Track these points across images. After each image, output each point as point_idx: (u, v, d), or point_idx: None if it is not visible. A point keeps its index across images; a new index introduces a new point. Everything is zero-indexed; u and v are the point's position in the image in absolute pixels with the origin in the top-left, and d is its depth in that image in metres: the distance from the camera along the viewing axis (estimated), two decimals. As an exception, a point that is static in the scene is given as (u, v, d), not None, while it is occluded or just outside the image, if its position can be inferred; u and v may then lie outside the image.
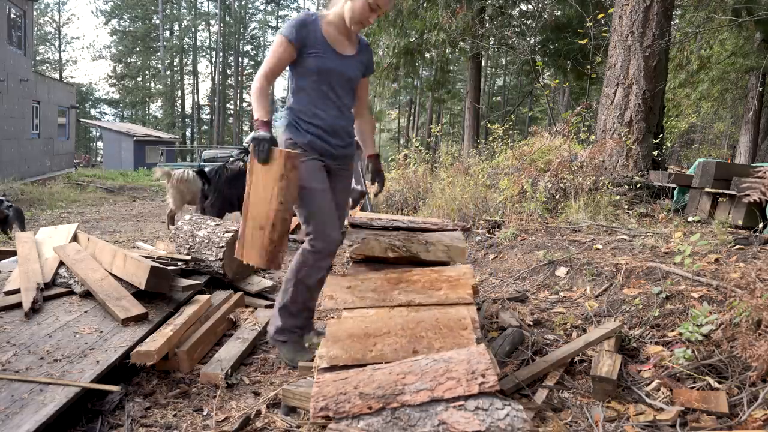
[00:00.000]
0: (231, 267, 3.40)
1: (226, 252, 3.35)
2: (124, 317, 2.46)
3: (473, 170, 6.99)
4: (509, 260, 4.13)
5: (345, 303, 2.06)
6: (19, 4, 15.10)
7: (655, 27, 6.06)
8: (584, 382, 2.17)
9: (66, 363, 2.09)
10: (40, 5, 38.37)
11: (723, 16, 8.64)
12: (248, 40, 46.68)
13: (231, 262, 3.39)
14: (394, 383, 1.51)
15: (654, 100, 6.21)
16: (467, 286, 2.09)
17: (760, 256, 3.17)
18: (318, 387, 1.55)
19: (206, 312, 2.81)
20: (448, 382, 1.48)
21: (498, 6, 12.84)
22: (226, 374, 2.29)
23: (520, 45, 11.68)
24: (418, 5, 11.80)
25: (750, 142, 12.98)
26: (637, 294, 2.87)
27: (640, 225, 4.47)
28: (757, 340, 2.03)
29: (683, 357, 2.13)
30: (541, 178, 5.50)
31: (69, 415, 1.90)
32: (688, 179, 5.15)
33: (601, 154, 5.87)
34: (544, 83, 15.00)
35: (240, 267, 3.51)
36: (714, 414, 1.84)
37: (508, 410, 1.42)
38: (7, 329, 2.35)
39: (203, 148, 30.49)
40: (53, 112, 18.17)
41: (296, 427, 1.90)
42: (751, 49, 11.41)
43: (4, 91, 13.49)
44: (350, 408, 1.45)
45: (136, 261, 2.75)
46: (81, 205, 9.64)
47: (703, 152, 18.14)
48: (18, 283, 2.78)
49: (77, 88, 32.47)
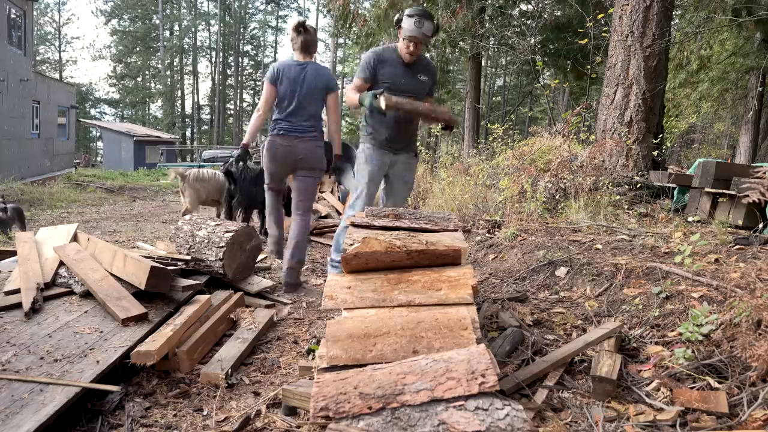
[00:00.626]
0: (231, 267, 3.40)
1: (226, 252, 3.35)
2: (124, 317, 2.46)
3: (473, 170, 6.99)
4: (509, 260, 4.13)
5: (345, 303, 2.06)
6: (19, 4, 15.10)
7: (655, 27, 6.06)
8: (584, 382, 2.17)
9: (66, 363, 2.09)
10: (40, 5, 38.38)
11: (723, 16, 8.64)
12: (248, 40, 46.69)
13: (231, 262, 3.39)
14: (394, 383, 1.51)
15: (654, 100, 6.21)
16: (467, 286, 2.09)
17: (760, 256, 3.17)
18: (318, 387, 1.55)
19: (206, 312, 2.81)
20: (449, 382, 1.48)
21: (498, 6, 12.84)
22: (227, 374, 2.29)
23: (520, 45, 11.68)
24: (418, 5, 11.79)
25: (750, 142, 12.98)
26: (637, 294, 2.87)
27: (640, 225, 4.47)
28: (757, 340, 2.03)
29: (683, 357, 2.13)
30: (541, 178, 5.50)
31: (69, 415, 1.90)
32: (688, 179, 5.15)
33: (601, 154, 5.87)
34: (544, 83, 15.01)
35: (240, 267, 3.52)
36: (714, 414, 1.84)
37: (508, 410, 1.42)
38: (7, 329, 2.35)
39: (203, 148, 30.54)
40: (53, 112, 18.16)
41: (296, 427, 1.90)
42: (751, 49, 11.42)
43: (4, 91, 13.49)
44: (350, 408, 1.45)
45: (136, 261, 2.75)
46: (81, 205, 9.65)
47: (703, 152, 18.14)
48: (18, 283, 2.78)
49: (77, 88, 32.47)
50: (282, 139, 3.74)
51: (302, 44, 3.74)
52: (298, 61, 3.76)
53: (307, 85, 3.69)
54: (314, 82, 3.71)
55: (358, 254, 2.18)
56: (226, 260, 3.35)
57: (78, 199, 10.53)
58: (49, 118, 17.53)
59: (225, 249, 3.35)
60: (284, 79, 3.69)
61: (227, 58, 44.83)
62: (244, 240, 3.55)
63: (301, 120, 3.72)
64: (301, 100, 3.70)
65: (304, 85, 3.69)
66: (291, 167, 3.83)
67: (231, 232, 3.45)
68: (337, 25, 13.49)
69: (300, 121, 3.72)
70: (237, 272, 3.48)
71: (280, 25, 47.34)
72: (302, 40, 3.73)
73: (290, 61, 3.77)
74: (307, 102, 3.72)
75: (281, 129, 3.73)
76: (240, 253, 3.51)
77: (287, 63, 3.76)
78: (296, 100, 3.69)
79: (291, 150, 3.74)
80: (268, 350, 2.71)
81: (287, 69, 3.71)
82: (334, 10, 12.51)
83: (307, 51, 3.78)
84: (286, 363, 2.55)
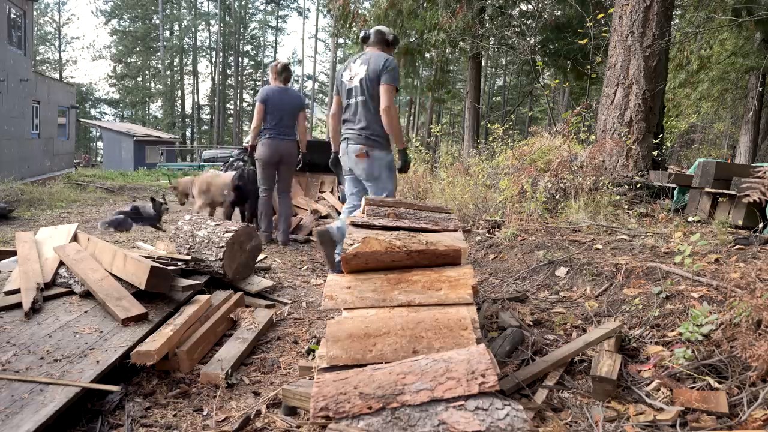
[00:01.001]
0: (231, 267, 3.40)
1: (226, 252, 3.35)
2: (124, 317, 2.46)
3: (473, 170, 6.99)
4: (509, 260, 4.13)
5: (345, 303, 2.06)
6: (19, 4, 15.09)
7: (655, 27, 6.06)
8: (584, 382, 2.17)
9: (66, 363, 2.09)
10: (40, 5, 38.38)
11: (723, 16, 8.64)
12: (248, 40, 46.67)
13: (231, 262, 3.39)
14: (394, 383, 1.51)
15: (654, 100, 6.21)
16: (467, 286, 2.09)
17: (760, 256, 3.17)
18: (318, 387, 1.55)
19: (206, 312, 2.81)
20: (448, 382, 1.48)
21: (498, 6, 12.85)
22: (227, 374, 2.29)
23: (520, 45, 11.68)
24: (418, 5, 11.81)
25: (750, 142, 12.98)
26: (637, 294, 2.87)
27: (640, 225, 4.47)
28: (757, 340, 2.03)
29: (683, 357, 2.13)
30: (541, 178, 5.50)
31: (69, 415, 1.90)
32: (688, 179, 5.15)
33: (601, 154, 5.87)
34: (544, 83, 15.01)
35: (240, 267, 3.52)
36: (714, 414, 1.84)
37: (508, 410, 1.42)
38: (7, 329, 2.35)
39: (203, 148, 30.52)
40: (53, 112, 18.15)
41: (296, 427, 1.90)
42: (751, 49, 11.42)
43: (4, 91, 13.49)
44: (350, 408, 1.45)
45: (136, 261, 2.75)
46: (81, 205, 9.64)
47: (703, 152, 18.14)
48: (18, 283, 2.78)
49: (77, 88, 32.45)
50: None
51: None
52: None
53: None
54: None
55: (358, 254, 2.18)
56: (226, 260, 3.34)
57: (78, 199, 10.52)
58: (49, 118, 17.52)
59: (225, 249, 3.35)
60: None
61: (227, 58, 44.82)
62: (244, 240, 3.55)
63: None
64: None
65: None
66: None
67: (231, 232, 3.45)
68: (337, 25, 13.48)
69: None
70: (237, 272, 3.48)
71: (280, 25, 47.36)
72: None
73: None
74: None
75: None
76: (240, 253, 3.51)
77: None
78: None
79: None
80: (268, 350, 2.71)
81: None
82: (334, 10, 12.52)
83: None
84: (286, 363, 2.55)
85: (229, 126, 45.57)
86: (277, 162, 5.13)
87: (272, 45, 48.82)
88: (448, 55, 14.81)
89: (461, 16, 11.06)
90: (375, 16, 11.74)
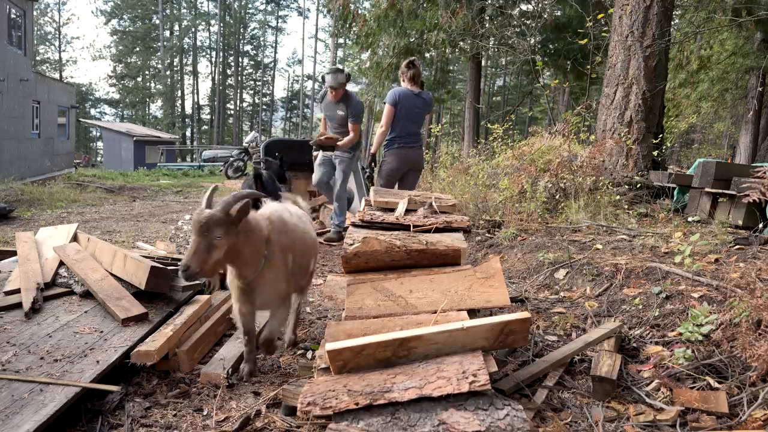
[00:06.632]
0: (231, 267, 3.39)
1: (226, 252, 3.34)
2: (124, 317, 2.46)
3: (473, 170, 6.99)
4: (509, 260, 4.13)
5: (345, 303, 2.05)
6: (19, 4, 15.09)
7: (655, 27, 6.06)
8: (584, 382, 2.17)
9: (66, 363, 2.09)
10: (40, 5, 38.33)
11: (723, 16, 8.64)
12: (248, 40, 46.65)
13: (231, 262, 3.38)
14: (383, 381, 1.54)
15: (654, 100, 6.21)
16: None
17: (760, 256, 3.17)
18: (308, 385, 1.60)
19: (206, 312, 2.81)
20: (438, 381, 1.50)
21: (498, 6, 12.85)
22: (227, 374, 2.29)
23: (520, 45, 11.68)
24: (418, 5, 11.79)
25: (750, 142, 12.97)
26: (637, 294, 2.87)
27: (640, 225, 4.47)
28: (757, 340, 2.03)
29: (683, 357, 2.13)
30: (541, 178, 5.50)
31: (69, 415, 1.90)
32: (688, 179, 5.15)
33: (601, 154, 5.87)
34: (544, 83, 15.01)
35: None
36: (714, 414, 1.84)
37: (507, 410, 1.43)
38: (7, 329, 2.35)
39: (203, 148, 30.50)
40: (53, 112, 18.14)
41: (296, 427, 1.90)
42: (751, 49, 11.41)
43: (4, 91, 13.49)
44: (337, 404, 1.47)
45: (136, 261, 2.75)
46: (81, 205, 9.64)
47: (703, 152, 18.13)
48: (18, 283, 2.78)
49: (77, 88, 32.44)
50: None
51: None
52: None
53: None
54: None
55: (358, 253, 2.18)
56: (226, 260, 3.34)
57: (78, 199, 10.52)
58: (49, 118, 17.51)
59: (225, 249, 3.34)
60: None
61: (227, 58, 44.79)
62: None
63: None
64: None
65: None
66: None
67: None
68: (337, 25, 13.49)
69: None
70: (237, 272, 3.47)
71: (280, 25, 47.35)
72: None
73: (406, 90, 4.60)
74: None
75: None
76: (240, 253, 3.50)
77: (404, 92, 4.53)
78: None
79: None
80: (268, 350, 2.71)
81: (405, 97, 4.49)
82: (334, 10, 12.52)
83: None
84: (286, 363, 2.55)
85: (229, 126, 45.54)
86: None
87: (272, 45, 48.86)
88: (448, 55, 14.78)
89: (461, 16, 11.05)
90: (375, 16, 11.73)
